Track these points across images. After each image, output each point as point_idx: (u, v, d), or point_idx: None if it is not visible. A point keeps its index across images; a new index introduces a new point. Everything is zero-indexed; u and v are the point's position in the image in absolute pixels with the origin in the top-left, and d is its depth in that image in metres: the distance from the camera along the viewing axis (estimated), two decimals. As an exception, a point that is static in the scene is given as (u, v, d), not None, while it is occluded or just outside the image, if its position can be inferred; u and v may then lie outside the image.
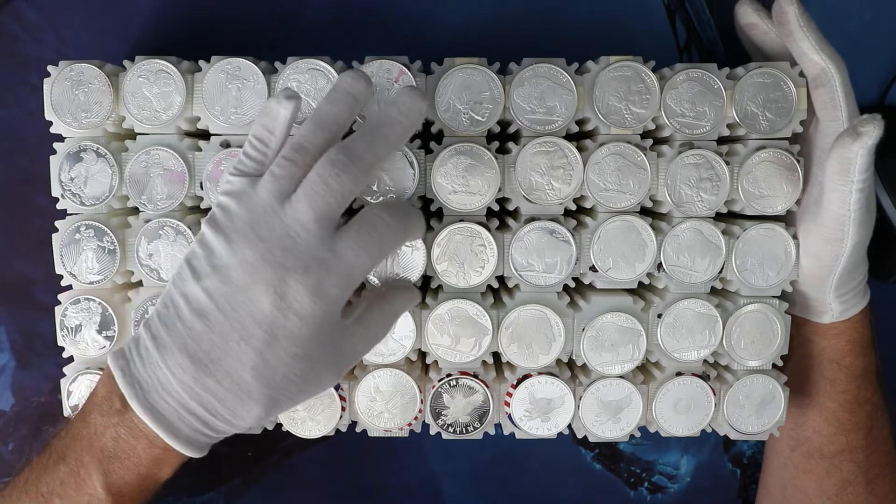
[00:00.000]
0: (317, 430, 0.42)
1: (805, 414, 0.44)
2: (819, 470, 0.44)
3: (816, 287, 0.41)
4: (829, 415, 0.43)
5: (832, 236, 0.38)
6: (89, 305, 0.41)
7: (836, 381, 0.43)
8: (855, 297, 0.41)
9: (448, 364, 0.41)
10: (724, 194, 0.40)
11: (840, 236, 0.38)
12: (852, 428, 0.43)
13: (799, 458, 0.45)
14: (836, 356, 0.43)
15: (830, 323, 0.42)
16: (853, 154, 0.35)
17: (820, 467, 0.44)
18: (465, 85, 0.39)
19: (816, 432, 0.44)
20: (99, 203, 0.40)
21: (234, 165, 0.35)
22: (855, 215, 0.37)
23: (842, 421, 0.43)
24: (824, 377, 0.43)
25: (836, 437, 0.43)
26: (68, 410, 0.42)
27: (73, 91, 0.39)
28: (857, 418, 0.43)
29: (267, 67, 0.40)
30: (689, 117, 0.39)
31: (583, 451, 0.53)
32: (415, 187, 0.39)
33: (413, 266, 0.40)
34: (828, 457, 0.44)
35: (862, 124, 0.35)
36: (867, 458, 0.43)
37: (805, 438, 0.45)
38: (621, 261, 0.40)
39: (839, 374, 0.43)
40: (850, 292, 0.41)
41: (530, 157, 0.39)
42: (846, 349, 0.42)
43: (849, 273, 0.40)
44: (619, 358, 0.41)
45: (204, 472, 0.52)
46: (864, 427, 0.43)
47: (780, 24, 0.39)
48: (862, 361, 0.42)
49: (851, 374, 0.42)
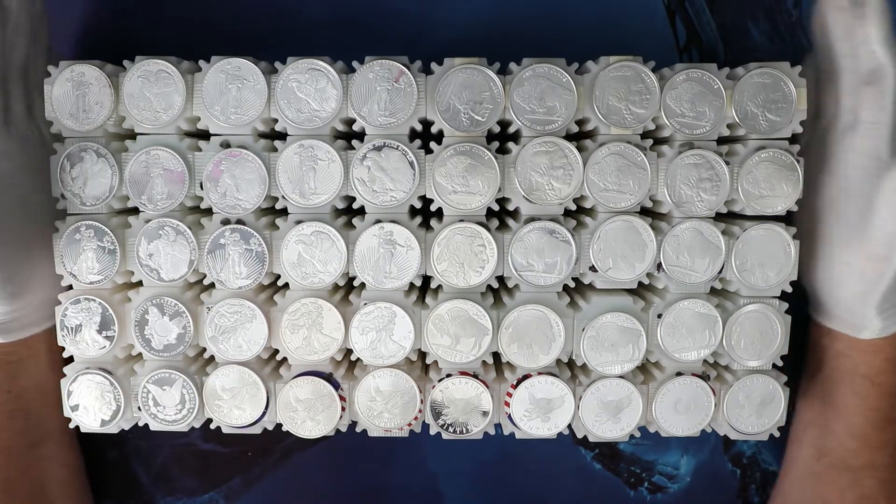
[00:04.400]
0: (317, 430, 0.42)
1: (831, 426, 0.44)
2: (841, 482, 0.44)
3: (858, 303, 0.40)
4: (857, 430, 0.43)
5: (880, 254, 0.38)
6: (89, 305, 0.41)
7: (867, 398, 0.42)
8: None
9: (448, 364, 0.41)
10: (724, 194, 0.40)
11: (889, 255, 0.37)
12: (879, 445, 0.42)
13: (822, 469, 0.45)
14: (870, 373, 0.42)
15: (869, 339, 0.41)
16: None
17: (842, 480, 0.44)
18: (465, 85, 0.39)
19: (841, 445, 0.43)
20: (99, 203, 0.40)
21: None
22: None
23: (869, 437, 0.42)
24: (855, 392, 0.42)
25: (860, 453, 0.43)
26: (68, 410, 0.42)
27: (73, 91, 0.39)
28: (884, 437, 0.42)
29: (267, 67, 0.40)
30: (688, 117, 0.39)
31: (583, 451, 0.53)
32: (415, 187, 0.39)
33: (408, 266, 0.40)
34: (851, 470, 0.43)
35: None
36: (891, 477, 0.43)
37: (829, 449, 0.44)
38: (621, 261, 0.40)
39: (871, 391, 0.42)
40: (892, 308, 0.40)
41: (530, 157, 0.39)
42: (882, 367, 0.41)
43: (894, 290, 0.39)
44: (619, 358, 0.41)
45: (204, 472, 0.52)
46: (892, 445, 0.42)
47: (857, 4, 0.37)
48: None
49: (884, 392, 0.42)
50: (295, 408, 0.41)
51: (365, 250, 0.40)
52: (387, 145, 0.39)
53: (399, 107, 0.39)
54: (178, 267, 0.40)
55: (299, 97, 0.39)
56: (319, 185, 0.39)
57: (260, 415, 0.42)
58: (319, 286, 0.40)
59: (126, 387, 0.42)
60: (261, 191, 0.39)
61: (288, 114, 0.39)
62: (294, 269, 0.40)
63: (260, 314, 0.40)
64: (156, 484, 0.52)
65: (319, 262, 0.40)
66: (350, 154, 0.40)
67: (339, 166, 0.39)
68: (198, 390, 0.42)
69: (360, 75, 0.39)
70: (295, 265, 0.40)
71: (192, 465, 0.52)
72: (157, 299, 0.41)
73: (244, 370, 0.41)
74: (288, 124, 0.39)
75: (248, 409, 0.42)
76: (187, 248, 0.40)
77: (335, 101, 0.39)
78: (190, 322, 0.41)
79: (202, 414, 0.42)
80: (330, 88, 0.39)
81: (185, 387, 0.41)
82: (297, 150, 0.39)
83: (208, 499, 0.53)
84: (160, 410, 0.42)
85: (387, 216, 0.40)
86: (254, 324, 0.41)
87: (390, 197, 0.39)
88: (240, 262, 0.40)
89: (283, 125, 0.39)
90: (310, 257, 0.40)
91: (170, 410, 0.42)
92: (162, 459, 0.52)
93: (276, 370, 0.43)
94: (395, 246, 0.40)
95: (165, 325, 0.41)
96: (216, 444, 0.52)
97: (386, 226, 0.40)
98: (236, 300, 0.40)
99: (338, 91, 0.39)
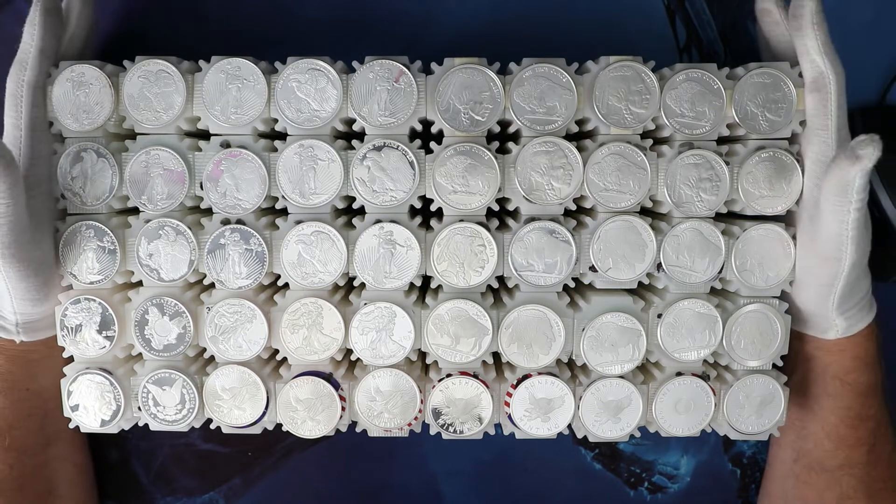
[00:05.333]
0: (317, 430, 0.42)
1: (807, 427, 0.44)
2: (819, 483, 0.44)
3: (818, 304, 0.40)
4: (831, 430, 0.43)
5: (830, 255, 0.38)
6: (89, 305, 0.41)
7: (839, 398, 0.42)
8: (860, 313, 0.41)
9: (448, 364, 0.41)
10: (724, 194, 0.40)
11: (838, 255, 0.38)
12: (854, 444, 0.43)
13: (800, 470, 0.45)
14: (840, 373, 0.42)
15: (835, 339, 0.41)
16: (851, 176, 0.35)
17: (820, 480, 0.44)
18: (465, 85, 0.39)
19: (818, 446, 0.44)
20: (99, 203, 0.40)
21: None
22: (853, 233, 0.37)
23: (843, 436, 0.43)
24: (827, 393, 0.43)
25: (836, 452, 0.43)
26: (68, 410, 0.42)
27: (73, 91, 0.39)
28: (858, 434, 0.42)
29: (267, 67, 0.40)
30: (688, 117, 0.39)
31: (583, 451, 0.53)
32: (415, 187, 0.39)
33: (408, 266, 0.40)
34: (828, 470, 0.43)
35: (860, 146, 0.34)
36: (868, 474, 0.43)
37: (807, 451, 0.44)
38: (621, 261, 0.40)
39: (842, 391, 0.42)
40: (853, 308, 0.40)
41: (530, 157, 0.39)
42: (850, 366, 0.42)
43: (850, 290, 0.39)
44: (619, 358, 0.41)
45: (204, 472, 0.52)
46: (866, 443, 0.43)
47: (794, 17, 0.38)
48: (866, 378, 0.42)
49: (855, 391, 0.42)
50: (295, 408, 0.41)
51: (365, 250, 0.40)
52: (387, 145, 0.39)
53: (399, 107, 0.39)
54: (178, 267, 0.40)
55: (299, 97, 0.39)
56: (319, 185, 0.39)
57: (260, 415, 0.42)
58: (319, 286, 0.40)
59: (126, 387, 0.42)
60: (261, 191, 0.39)
61: (288, 114, 0.39)
62: (294, 269, 0.40)
63: (260, 314, 0.40)
64: (156, 484, 0.52)
65: (319, 262, 0.40)
66: (350, 154, 0.40)
67: (339, 166, 0.39)
68: (198, 390, 0.42)
69: (360, 75, 0.39)
70: (295, 265, 0.40)
71: (192, 465, 0.52)
72: (157, 299, 0.41)
73: (244, 370, 0.41)
74: (288, 124, 0.39)
75: (248, 409, 0.42)
76: (187, 248, 0.40)
77: (335, 101, 0.39)
78: (190, 322, 0.41)
79: (202, 414, 0.42)
80: (330, 88, 0.39)
81: (185, 387, 0.41)
82: (297, 150, 0.39)
83: (208, 499, 0.53)
84: (160, 410, 0.42)
85: (387, 216, 0.40)
86: (254, 324, 0.41)
87: (390, 197, 0.39)
88: (240, 262, 0.40)
89: (283, 125, 0.39)
90: (310, 257, 0.40)
91: (170, 410, 0.42)
92: (162, 459, 0.52)
93: (276, 370, 0.43)
94: (395, 246, 0.40)
95: (165, 325, 0.41)
96: (216, 444, 0.52)
97: (386, 226, 0.40)
98: (236, 300, 0.40)
99: (338, 91, 0.39)
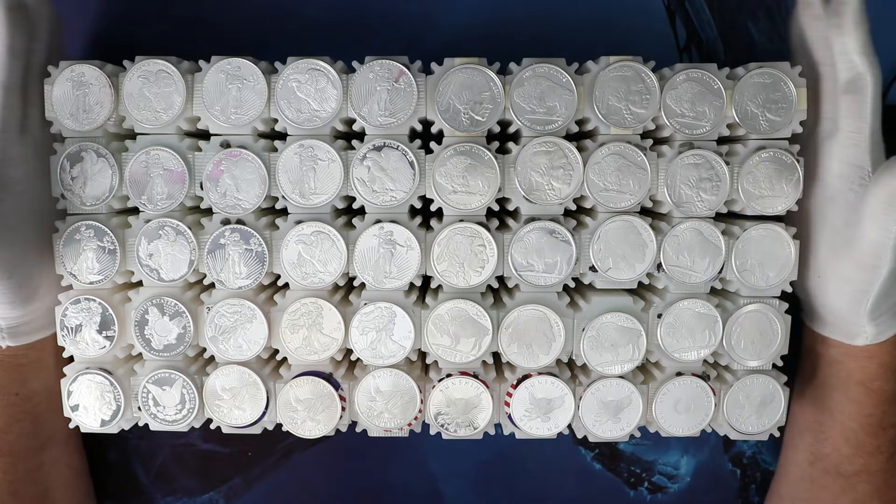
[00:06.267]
0: (317, 430, 0.42)
1: (826, 432, 0.44)
2: (835, 487, 0.44)
3: (850, 310, 0.40)
4: (851, 436, 0.43)
5: (868, 263, 0.37)
6: (89, 305, 0.41)
7: (862, 404, 0.42)
8: (891, 320, 0.40)
9: (448, 364, 0.41)
10: (724, 194, 0.40)
11: (876, 263, 0.37)
12: (873, 451, 0.42)
13: (816, 473, 0.45)
14: (865, 379, 0.42)
15: (863, 346, 0.41)
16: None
17: (836, 485, 0.44)
18: (465, 85, 0.39)
19: (836, 451, 0.43)
20: (99, 203, 0.40)
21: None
22: (894, 243, 0.36)
23: (863, 443, 0.42)
24: (850, 398, 0.42)
25: (854, 458, 0.43)
26: (68, 410, 0.42)
27: (73, 91, 0.39)
28: (878, 442, 0.42)
29: (267, 67, 0.40)
30: (688, 117, 0.39)
31: (583, 451, 0.53)
32: (415, 187, 0.39)
33: (408, 266, 0.40)
34: (844, 476, 0.43)
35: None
36: (885, 482, 0.43)
37: (824, 455, 0.44)
38: (621, 261, 0.40)
39: (866, 398, 0.42)
40: (885, 314, 0.40)
41: (530, 157, 0.39)
42: (877, 373, 0.41)
43: (884, 296, 0.39)
44: (619, 358, 0.41)
45: (204, 472, 0.52)
46: (886, 451, 0.42)
47: (835, 13, 0.37)
48: (891, 386, 0.42)
49: (879, 399, 0.42)
50: (295, 408, 0.41)
51: (365, 250, 0.40)
52: (387, 145, 0.39)
53: (399, 107, 0.39)
54: (178, 267, 0.40)
55: (299, 97, 0.39)
56: (319, 185, 0.39)
57: (260, 415, 0.42)
58: (319, 286, 0.40)
59: (126, 387, 0.42)
60: (261, 191, 0.39)
61: (288, 114, 0.39)
62: (294, 269, 0.40)
63: (260, 314, 0.40)
64: (156, 484, 0.52)
65: (319, 262, 0.40)
66: (350, 154, 0.40)
67: (339, 166, 0.39)
68: (198, 390, 0.42)
69: (360, 75, 0.39)
70: (295, 265, 0.40)
71: (192, 465, 0.52)
72: (157, 299, 0.41)
73: (244, 370, 0.41)
74: (288, 124, 0.39)
75: (248, 409, 0.42)
76: (187, 248, 0.40)
77: (335, 101, 0.39)
78: (190, 322, 0.41)
79: (202, 414, 0.42)
80: (330, 88, 0.39)
81: (185, 387, 0.41)
82: (297, 150, 0.39)
83: (208, 499, 0.53)
84: (160, 410, 0.42)
85: (387, 216, 0.40)
86: (254, 324, 0.41)
87: (390, 197, 0.39)
88: (240, 262, 0.40)
89: (283, 125, 0.39)
90: (310, 257, 0.40)
91: (170, 410, 0.42)
92: (162, 459, 0.52)
93: (276, 370, 0.43)
94: (395, 246, 0.40)
95: (165, 325, 0.41)
96: (216, 444, 0.52)
97: (386, 226, 0.40)
98: (236, 300, 0.40)
99: (338, 91, 0.39)
